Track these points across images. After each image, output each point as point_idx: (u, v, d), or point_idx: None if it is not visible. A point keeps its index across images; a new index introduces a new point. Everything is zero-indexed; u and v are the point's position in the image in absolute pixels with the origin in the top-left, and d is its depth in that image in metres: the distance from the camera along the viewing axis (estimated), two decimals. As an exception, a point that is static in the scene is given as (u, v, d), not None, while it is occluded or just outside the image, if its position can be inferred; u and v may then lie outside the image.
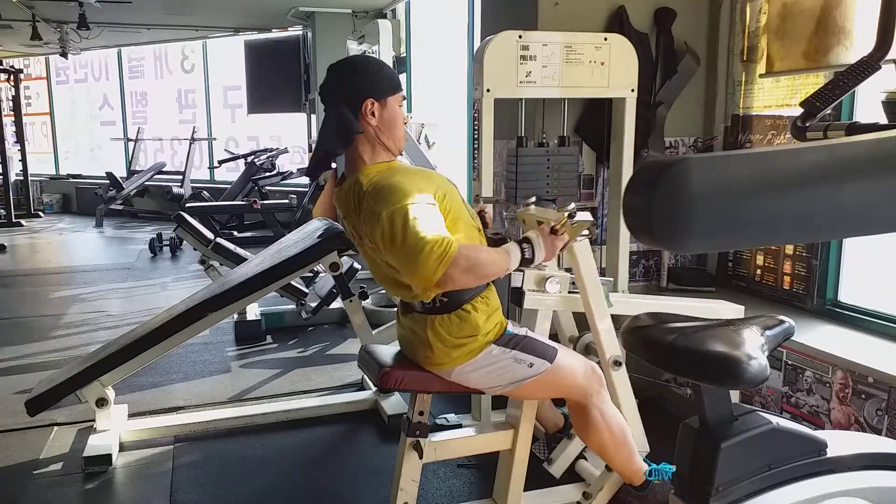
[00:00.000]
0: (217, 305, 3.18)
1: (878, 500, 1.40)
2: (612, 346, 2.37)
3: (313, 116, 8.51)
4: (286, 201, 7.63)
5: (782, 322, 1.48)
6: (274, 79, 8.63)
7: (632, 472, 2.14)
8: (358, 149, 1.94)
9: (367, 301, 4.76)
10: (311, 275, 4.90)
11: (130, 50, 11.09)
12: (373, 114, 1.91)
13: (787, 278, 3.10)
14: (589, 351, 2.60)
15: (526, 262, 1.89)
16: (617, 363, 2.37)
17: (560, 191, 2.94)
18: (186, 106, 10.97)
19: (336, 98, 1.93)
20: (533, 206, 2.36)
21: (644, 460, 2.18)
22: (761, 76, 3.17)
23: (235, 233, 7.61)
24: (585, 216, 2.03)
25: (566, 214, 1.94)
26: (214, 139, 10.46)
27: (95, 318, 5.12)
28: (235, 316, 4.51)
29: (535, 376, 1.98)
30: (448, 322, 1.93)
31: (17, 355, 4.26)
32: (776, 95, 3.13)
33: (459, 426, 2.94)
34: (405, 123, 2.04)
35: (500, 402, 2.64)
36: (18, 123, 10.19)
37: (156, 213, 10.14)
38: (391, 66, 6.21)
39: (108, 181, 9.68)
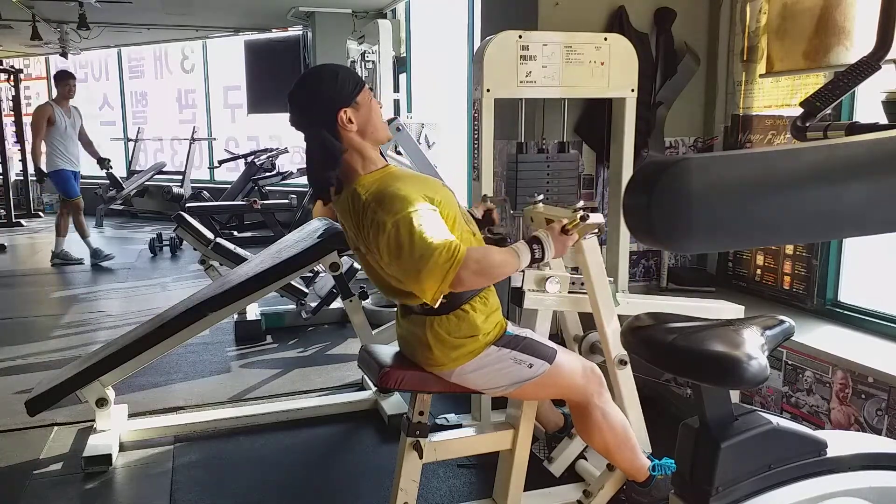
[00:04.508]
0: (217, 305, 3.18)
1: (878, 500, 1.40)
2: (618, 344, 2.37)
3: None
4: (286, 201, 7.63)
5: (782, 322, 1.48)
6: (274, 79, 8.60)
7: (636, 470, 2.15)
8: (348, 161, 1.93)
9: (367, 301, 4.76)
10: (311, 275, 4.90)
11: (130, 50, 11.08)
12: (350, 121, 1.90)
13: (787, 278, 3.10)
14: (594, 350, 2.60)
15: (536, 262, 1.91)
16: (623, 362, 2.37)
17: (560, 197, 2.95)
18: (186, 106, 10.97)
19: (310, 124, 1.91)
20: (541, 205, 2.36)
21: (647, 456, 2.19)
22: (761, 76, 3.17)
23: (235, 233, 7.61)
24: (598, 218, 2.04)
25: (579, 216, 1.95)
26: (214, 139, 10.46)
27: (95, 318, 5.12)
28: (235, 316, 4.51)
29: (535, 377, 1.98)
30: (447, 322, 1.93)
31: (17, 355, 4.26)
32: (776, 95, 3.13)
33: (459, 426, 2.93)
34: (381, 107, 2.03)
35: (500, 402, 2.64)
36: (18, 123, 10.18)
37: (156, 213, 10.13)
38: (391, 65, 6.22)
39: (108, 181, 9.68)
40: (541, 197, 2.40)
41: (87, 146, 7.03)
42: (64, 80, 6.75)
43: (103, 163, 7.23)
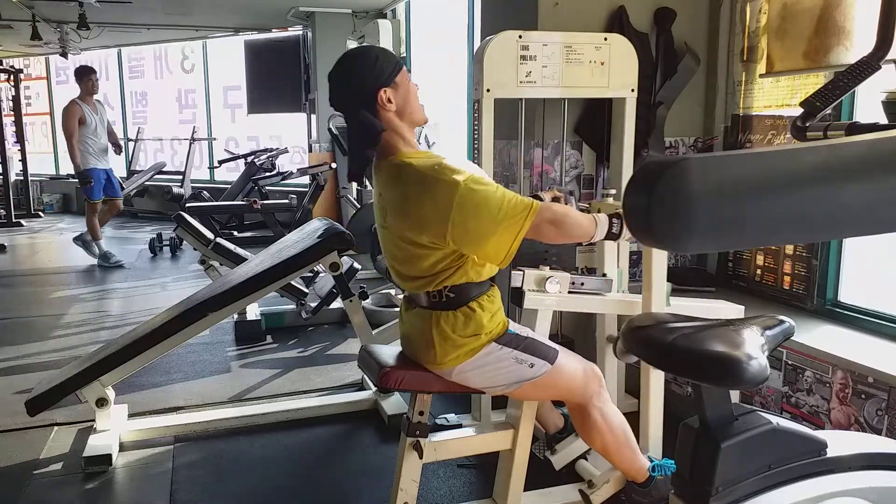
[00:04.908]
0: (217, 305, 3.17)
1: (878, 500, 1.40)
2: None
3: (313, 116, 8.51)
4: (286, 201, 7.64)
5: (782, 322, 1.48)
6: (274, 79, 8.63)
7: (635, 471, 2.15)
8: (389, 141, 1.95)
9: (367, 301, 4.76)
10: (311, 275, 4.90)
11: (130, 50, 11.09)
12: (390, 100, 1.92)
13: (787, 278, 3.10)
14: None
15: (612, 237, 1.95)
16: None
17: (559, 257, 2.89)
18: (186, 106, 10.97)
19: (351, 104, 1.94)
20: (611, 198, 2.38)
21: (647, 457, 2.19)
22: (761, 76, 3.17)
23: (235, 233, 7.61)
24: None
25: None
26: (214, 139, 10.46)
27: (95, 318, 5.12)
28: (235, 316, 4.51)
29: (536, 377, 1.98)
30: (453, 319, 1.93)
31: (17, 355, 4.25)
32: (776, 95, 3.13)
33: (459, 426, 2.93)
34: (418, 89, 2.05)
35: (500, 402, 2.64)
36: (18, 123, 10.19)
37: (156, 213, 10.14)
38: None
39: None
40: (613, 191, 2.43)
41: (110, 135, 6.99)
42: (86, 76, 6.65)
43: (118, 148, 7.14)
